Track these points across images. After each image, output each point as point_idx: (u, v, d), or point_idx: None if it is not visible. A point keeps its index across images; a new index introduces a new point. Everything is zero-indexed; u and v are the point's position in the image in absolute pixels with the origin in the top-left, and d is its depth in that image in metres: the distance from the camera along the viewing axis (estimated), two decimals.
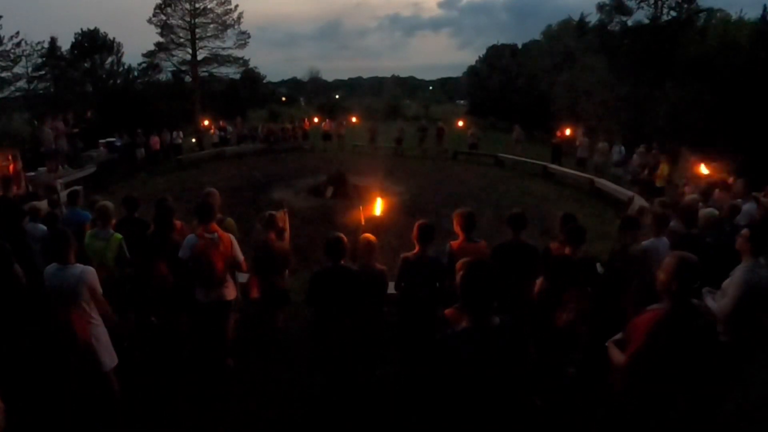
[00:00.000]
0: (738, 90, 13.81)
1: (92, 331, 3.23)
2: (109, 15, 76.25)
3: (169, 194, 5.28)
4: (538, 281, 3.70)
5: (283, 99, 48.64)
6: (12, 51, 25.44)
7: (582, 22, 27.52)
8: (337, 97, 47.51)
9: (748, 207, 5.41)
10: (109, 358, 3.33)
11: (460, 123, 22.99)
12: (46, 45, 27.35)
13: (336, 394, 3.44)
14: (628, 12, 22.24)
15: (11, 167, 8.96)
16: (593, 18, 25.45)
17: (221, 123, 20.57)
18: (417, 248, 3.54)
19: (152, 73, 32.43)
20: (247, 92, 37.35)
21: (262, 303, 4.36)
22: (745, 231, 3.21)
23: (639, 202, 8.67)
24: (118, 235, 4.10)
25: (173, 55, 32.49)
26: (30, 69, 27.06)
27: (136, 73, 31.89)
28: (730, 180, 6.79)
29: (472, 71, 43.71)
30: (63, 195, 8.17)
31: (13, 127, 19.74)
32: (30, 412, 3.27)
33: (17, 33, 25.28)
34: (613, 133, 15.05)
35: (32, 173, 10.91)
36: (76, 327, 3.16)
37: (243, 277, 4.47)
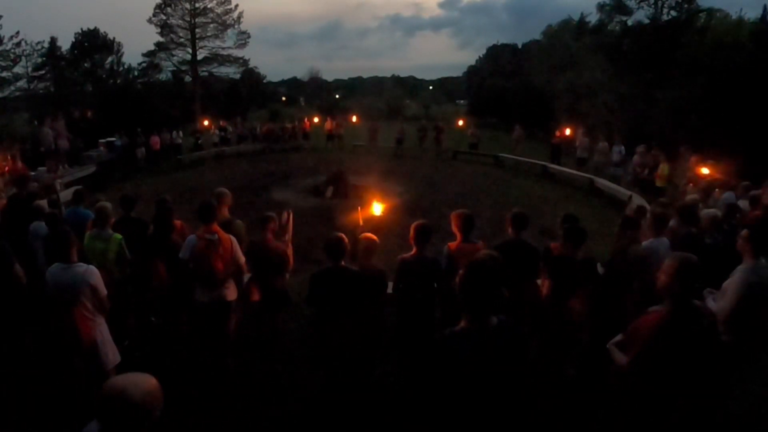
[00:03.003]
0: (738, 90, 13.78)
1: (95, 330, 3.23)
2: (109, 15, 76.13)
3: (169, 194, 5.27)
4: (545, 284, 3.69)
5: (283, 99, 48.64)
6: (12, 51, 25.52)
7: (582, 22, 27.55)
8: (337, 97, 47.41)
9: (727, 195, 5.44)
10: (112, 356, 3.35)
11: (460, 123, 22.98)
12: (46, 45, 27.48)
13: (335, 394, 3.44)
14: (628, 12, 22.28)
15: (12, 167, 8.97)
16: (593, 18, 25.56)
17: (221, 123, 20.59)
18: (414, 249, 3.54)
19: (152, 73, 32.50)
20: (247, 92, 37.37)
21: (262, 304, 4.35)
22: (744, 232, 3.20)
23: (637, 201, 8.66)
24: (118, 236, 4.09)
25: (173, 55, 32.65)
26: (30, 69, 27.17)
27: (136, 73, 31.99)
28: (719, 175, 6.84)
29: (472, 71, 43.78)
30: (63, 195, 8.18)
31: (13, 127, 19.74)
32: (31, 412, 3.27)
33: (17, 33, 25.40)
34: (613, 133, 15.03)
35: (32, 173, 10.92)
36: (80, 326, 3.17)
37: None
